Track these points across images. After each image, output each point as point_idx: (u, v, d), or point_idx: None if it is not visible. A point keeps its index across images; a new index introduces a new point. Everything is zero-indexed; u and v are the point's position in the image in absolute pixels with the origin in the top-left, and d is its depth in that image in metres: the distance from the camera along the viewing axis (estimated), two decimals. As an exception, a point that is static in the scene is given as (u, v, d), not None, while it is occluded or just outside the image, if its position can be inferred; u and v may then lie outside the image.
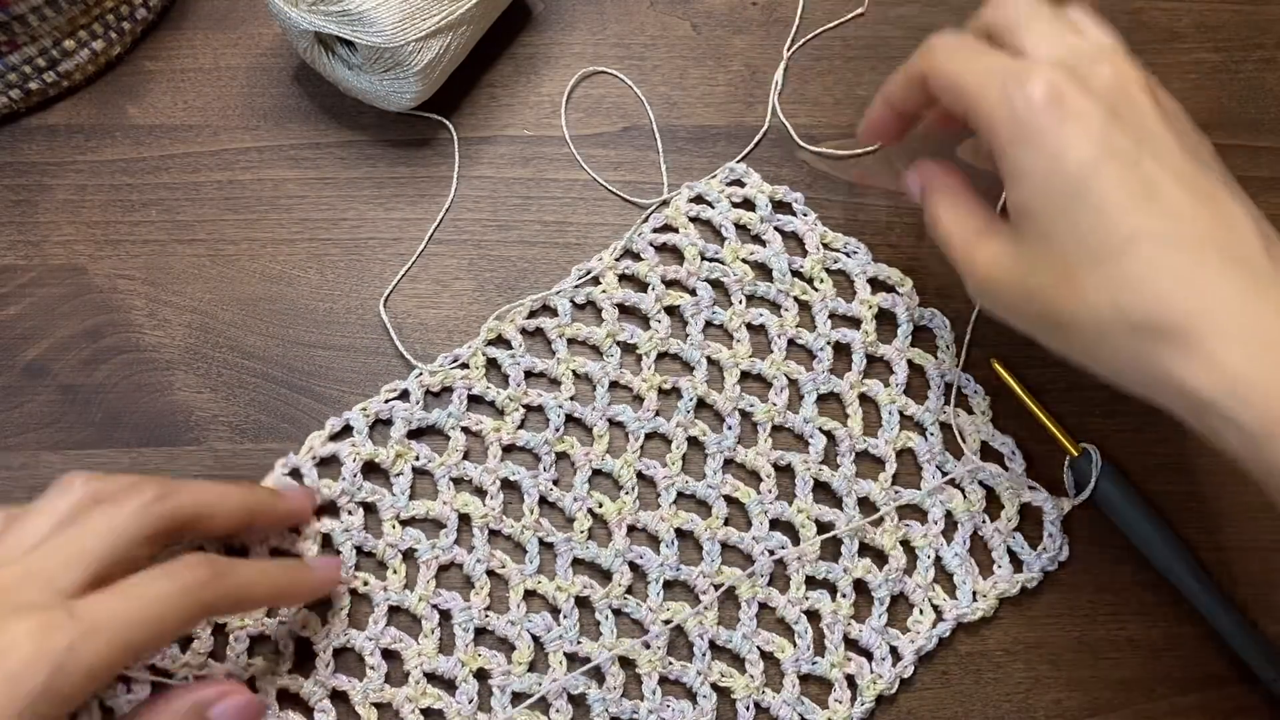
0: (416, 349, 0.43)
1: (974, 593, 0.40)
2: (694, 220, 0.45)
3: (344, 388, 0.42)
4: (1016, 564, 0.40)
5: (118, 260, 0.44)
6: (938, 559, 0.40)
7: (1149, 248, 0.29)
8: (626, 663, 0.38)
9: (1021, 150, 0.31)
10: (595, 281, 0.43)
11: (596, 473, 0.41)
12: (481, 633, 0.39)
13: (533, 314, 0.43)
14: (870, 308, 0.43)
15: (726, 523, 0.40)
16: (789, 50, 0.48)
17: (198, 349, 0.43)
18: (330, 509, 0.40)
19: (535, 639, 0.38)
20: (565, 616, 0.39)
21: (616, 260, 0.43)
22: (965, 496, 0.41)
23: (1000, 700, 0.40)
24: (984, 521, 0.40)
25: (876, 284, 0.44)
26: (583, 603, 0.39)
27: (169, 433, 0.41)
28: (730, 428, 0.41)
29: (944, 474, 0.41)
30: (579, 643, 0.38)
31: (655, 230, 0.44)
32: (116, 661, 0.29)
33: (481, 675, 0.38)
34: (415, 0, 0.41)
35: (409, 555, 0.39)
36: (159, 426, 0.41)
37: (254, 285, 0.44)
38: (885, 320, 0.44)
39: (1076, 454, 0.41)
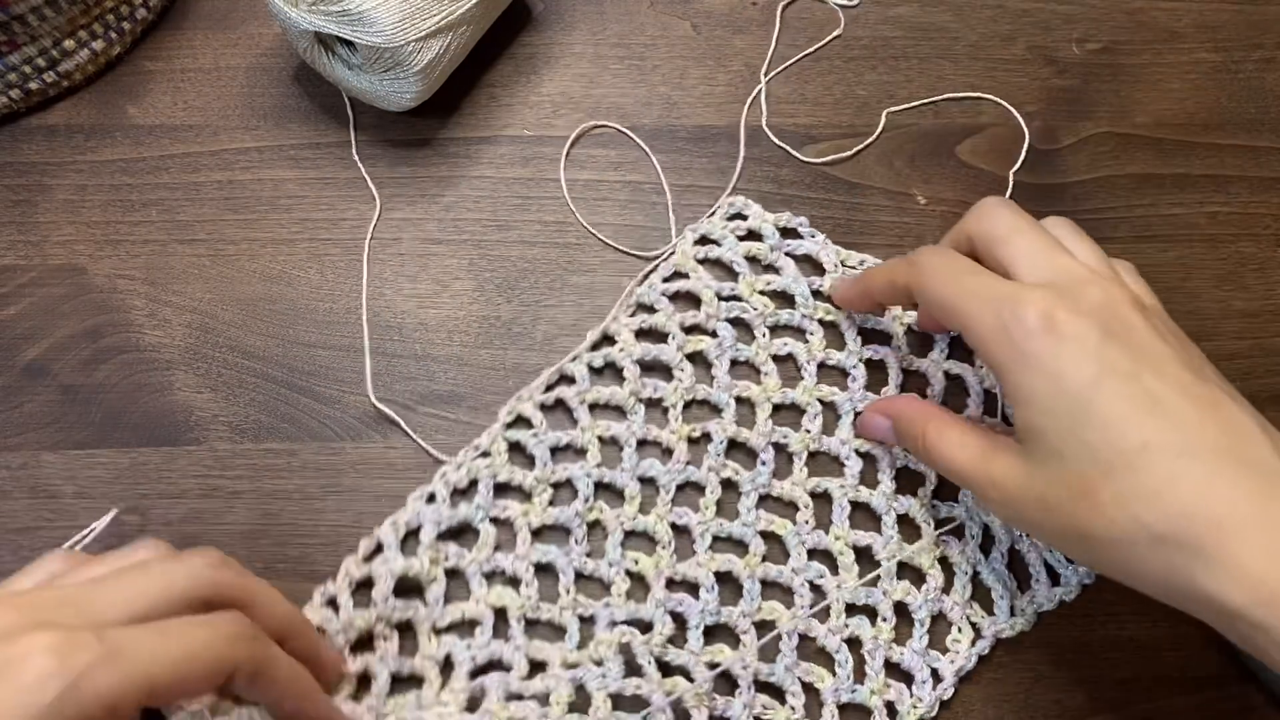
0: (417, 349, 0.43)
1: (1011, 608, 0.39)
2: (703, 261, 0.44)
3: (344, 388, 0.42)
4: (1054, 577, 0.40)
5: (118, 260, 0.44)
6: (975, 575, 0.40)
7: (1161, 459, 0.30)
8: (674, 707, 0.37)
9: (1023, 375, 0.32)
10: (611, 341, 0.42)
11: (630, 534, 0.39)
12: (515, 697, 0.37)
13: (550, 387, 0.41)
14: (901, 323, 0.43)
15: (764, 559, 0.39)
16: (766, 76, 0.48)
17: (198, 349, 0.43)
18: (364, 640, 0.37)
19: (576, 686, 0.37)
20: (608, 663, 0.37)
21: (630, 316, 0.42)
22: None
23: (1000, 700, 0.39)
24: (1021, 536, 0.40)
25: None
26: (624, 649, 0.38)
27: (169, 433, 0.41)
28: (765, 463, 0.40)
29: None
30: (623, 680, 0.37)
31: (665, 280, 0.43)
32: (133, 694, 0.27)
33: None
34: (415, 0, 0.41)
35: (445, 662, 0.38)
36: (159, 426, 0.41)
37: (254, 285, 0.44)
38: (918, 333, 0.43)
39: None
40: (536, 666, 0.38)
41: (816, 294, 0.43)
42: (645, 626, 0.38)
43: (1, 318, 0.43)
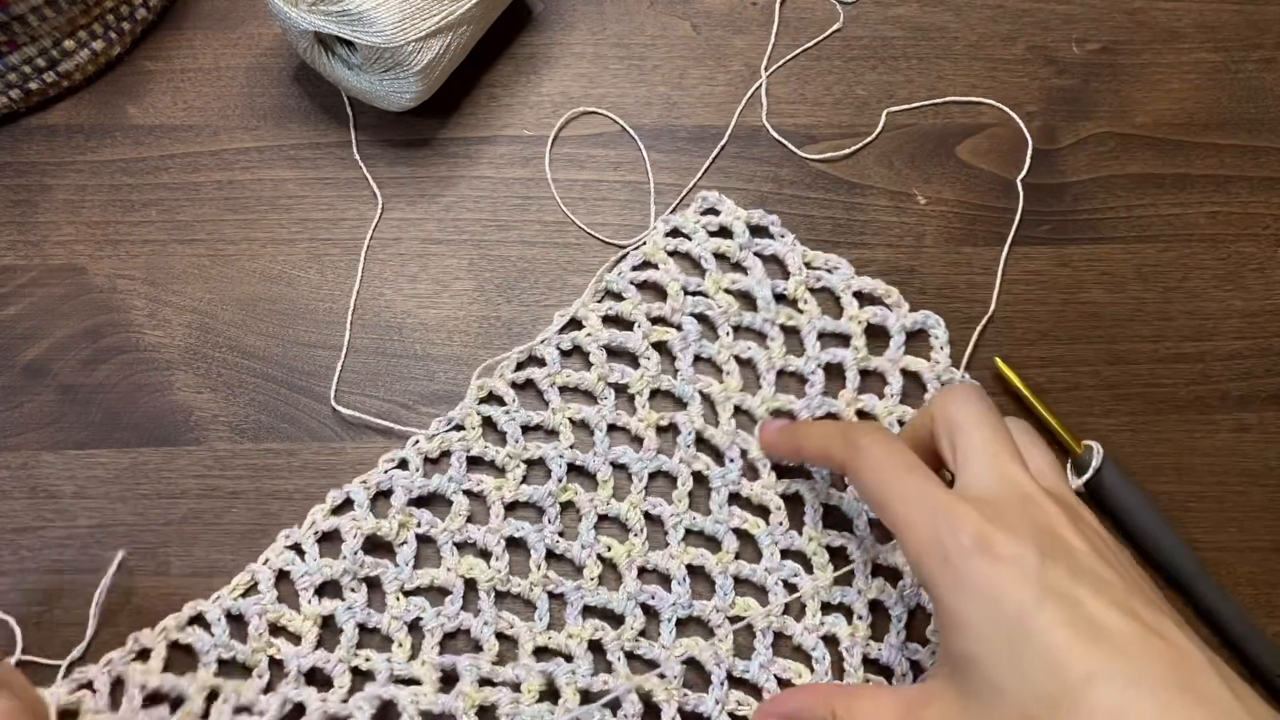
0: (417, 349, 0.43)
1: None
2: (672, 254, 0.44)
3: (344, 388, 0.42)
4: None
5: (118, 260, 0.44)
6: None
7: (1107, 690, 0.27)
8: (645, 700, 0.37)
9: (957, 597, 0.30)
10: (579, 325, 0.43)
11: (603, 518, 0.40)
12: (486, 683, 0.37)
13: (520, 366, 0.42)
14: (859, 323, 0.43)
15: (737, 556, 0.40)
16: (766, 71, 0.48)
17: (198, 349, 0.43)
18: (332, 587, 0.38)
19: (547, 680, 0.37)
20: (578, 659, 0.38)
21: (598, 302, 0.43)
22: None
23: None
24: None
25: (863, 298, 0.43)
26: (595, 646, 0.38)
27: (169, 433, 0.41)
28: (733, 460, 0.41)
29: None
30: (592, 678, 0.37)
31: (635, 268, 0.43)
32: None
33: (485, 713, 0.37)
34: (415, 0, 0.41)
35: (414, 626, 0.38)
36: (159, 426, 0.41)
37: (254, 285, 0.44)
38: (876, 334, 0.43)
39: (1080, 451, 0.41)
40: (505, 641, 0.38)
41: (779, 298, 0.43)
42: (617, 619, 0.38)
43: (1, 318, 0.43)
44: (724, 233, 0.44)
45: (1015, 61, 0.49)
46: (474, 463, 0.41)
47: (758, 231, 0.44)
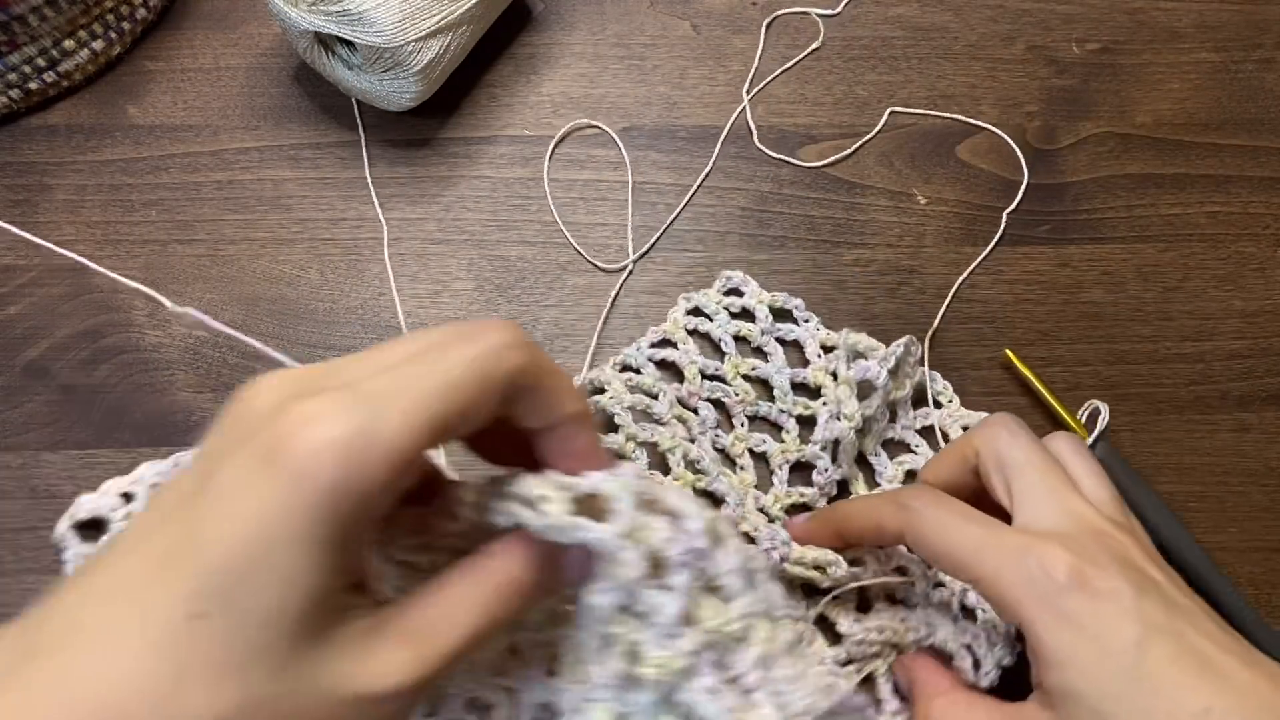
0: (416, 349, 0.43)
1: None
2: (692, 333, 0.43)
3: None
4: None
5: (118, 260, 0.44)
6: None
7: None
8: None
9: (1059, 635, 0.30)
10: (601, 391, 0.41)
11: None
12: None
13: None
14: (885, 403, 0.41)
15: None
16: (748, 93, 0.48)
17: (198, 349, 0.43)
18: None
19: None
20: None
21: (619, 373, 0.41)
22: None
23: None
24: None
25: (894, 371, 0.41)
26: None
27: (169, 433, 0.41)
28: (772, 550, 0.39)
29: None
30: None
31: (654, 345, 0.42)
32: (418, 440, 0.23)
33: None
34: (415, 0, 0.41)
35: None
36: (159, 426, 0.41)
37: (254, 285, 0.44)
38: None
39: (1087, 438, 0.41)
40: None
41: (797, 387, 0.42)
42: None
43: (1, 318, 0.43)
44: (745, 315, 0.43)
45: (1015, 61, 0.49)
46: None
47: (780, 315, 0.43)
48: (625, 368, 0.42)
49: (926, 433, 0.42)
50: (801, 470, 0.41)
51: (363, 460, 0.22)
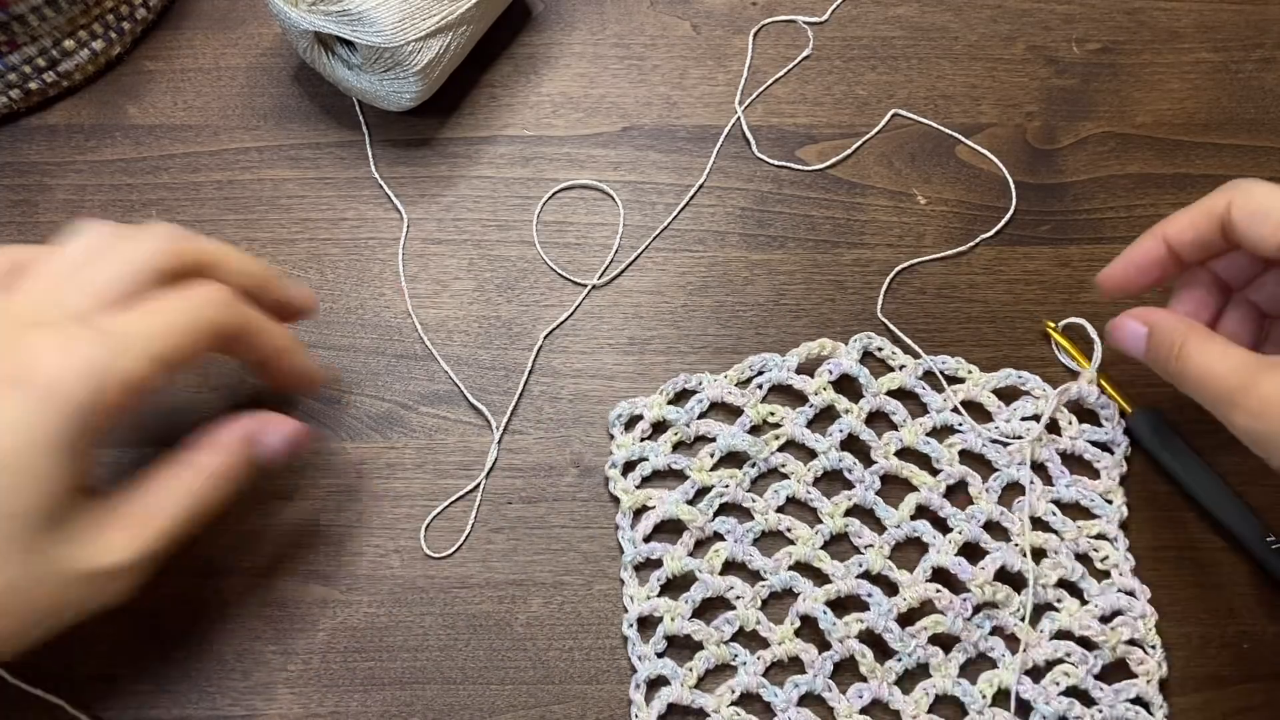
0: (417, 349, 0.43)
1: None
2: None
3: (344, 388, 0.42)
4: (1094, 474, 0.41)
5: (118, 260, 0.44)
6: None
7: None
8: None
9: None
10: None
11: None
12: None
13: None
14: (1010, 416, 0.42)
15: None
16: (741, 105, 0.48)
17: (198, 349, 0.43)
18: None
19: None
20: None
21: (636, 575, 0.40)
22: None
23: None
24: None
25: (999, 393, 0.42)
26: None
27: (169, 433, 0.41)
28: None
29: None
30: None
31: (633, 526, 0.40)
32: (148, 374, 0.30)
33: None
34: (415, 0, 0.41)
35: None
36: (159, 427, 0.41)
37: (254, 285, 0.44)
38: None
39: (1130, 413, 0.41)
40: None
41: (754, 430, 0.42)
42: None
43: (1, 318, 0.43)
44: (661, 426, 0.42)
45: (1015, 61, 0.49)
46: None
47: (681, 398, 0.42)
48: (639, 566, 0.40)
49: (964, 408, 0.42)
50: (828, 479, 0.41)
51: (103, 386, 0.28)
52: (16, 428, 0.27)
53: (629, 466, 0.41)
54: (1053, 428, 0.42)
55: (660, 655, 0.38)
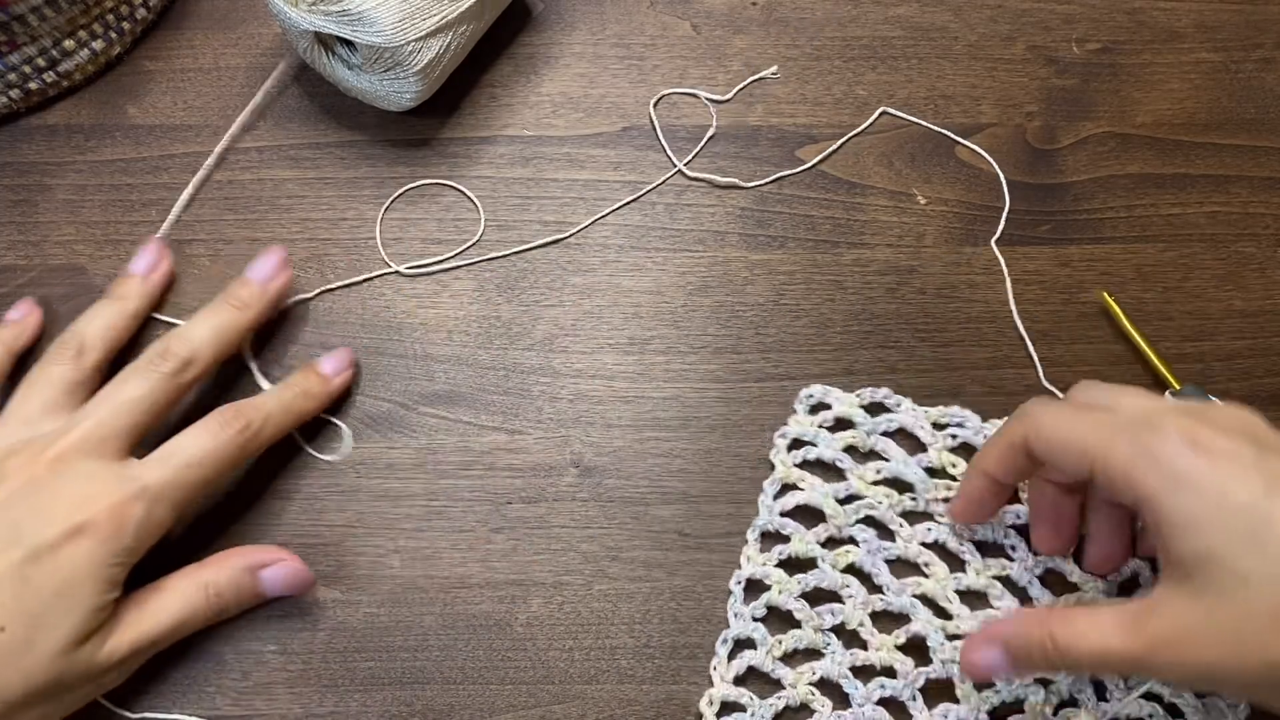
0: (417, 349, 0.43)
1: None
2: (802, 465, 0.41)
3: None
4: None
5: (118, 260, 0.44)
6: None
7: None
8: None
9: (1178, 498, 0.29)
10: (766, 588, 0.39)
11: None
12: None
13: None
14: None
15: None
16: (689, 168, 0.48)
17: (198, 349, 0.43)
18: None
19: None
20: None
21: (759, 545, 0.40)
22: None
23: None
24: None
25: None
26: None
27: (169, 433, 0.41)
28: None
29: None
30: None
31: (776, 497, 0.40)
32: (174, 519, 0.36)
33: None
34: (415, 0, 0.41)
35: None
36: (159, 427, 0.41)
37: (254, 285, 0.44)
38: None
39: (1179, 389, 0.41)
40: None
41: (930, 471, 0.41)
42: None
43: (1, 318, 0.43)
44: (842, 423, 0.42)
45: (1015, 61, 0.49)
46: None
47: (873, 409, 0.42)
48: (765, 535, 0.40)
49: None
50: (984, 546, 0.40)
51: (144, 533, 0.35)
52: (78, 563, 0.34)
53: (795, 444, 0.41)
54: None
55: (755, 620, 0.39)
